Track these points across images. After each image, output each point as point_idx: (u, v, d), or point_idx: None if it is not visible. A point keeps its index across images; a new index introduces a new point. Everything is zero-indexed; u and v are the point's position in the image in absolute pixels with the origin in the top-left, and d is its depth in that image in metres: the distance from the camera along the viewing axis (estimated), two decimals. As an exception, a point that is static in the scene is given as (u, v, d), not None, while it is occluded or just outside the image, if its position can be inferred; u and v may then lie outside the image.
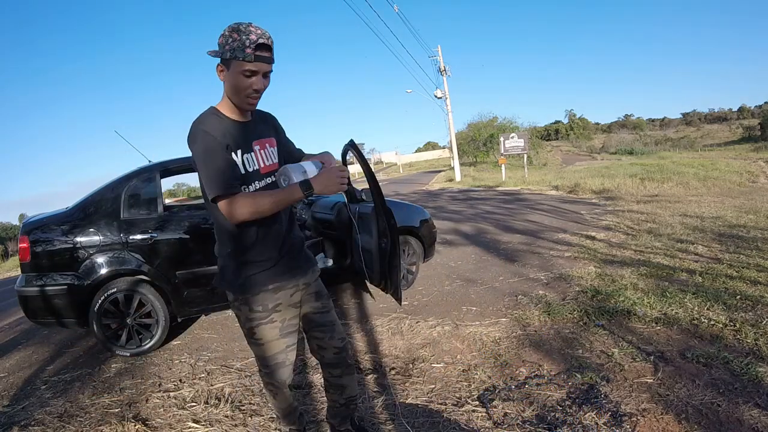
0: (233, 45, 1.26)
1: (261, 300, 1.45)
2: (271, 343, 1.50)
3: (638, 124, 57.77)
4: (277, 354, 1.52)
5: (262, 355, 1.53)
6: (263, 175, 1.43)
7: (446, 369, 2.44)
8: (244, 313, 1.47)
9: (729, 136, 40.50)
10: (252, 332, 1.48)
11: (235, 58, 1.27)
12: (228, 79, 1.32)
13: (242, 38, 1.25)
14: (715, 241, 4.96)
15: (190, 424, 2.11)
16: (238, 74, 1.29)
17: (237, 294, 1.46)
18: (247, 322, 1.47)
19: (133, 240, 2.99)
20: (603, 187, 11.54)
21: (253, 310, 1.45)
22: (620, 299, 3.14)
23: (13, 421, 2.28)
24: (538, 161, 27.21)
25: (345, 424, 1.78)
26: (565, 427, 1.81)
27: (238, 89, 1.31)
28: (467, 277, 4.23)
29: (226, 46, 1.27)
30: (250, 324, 1.47)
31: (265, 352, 1.51)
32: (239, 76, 1.29)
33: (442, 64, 20.77)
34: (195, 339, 3.28)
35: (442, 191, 15.42)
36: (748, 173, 13.77)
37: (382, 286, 3.07)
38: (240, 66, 1.27)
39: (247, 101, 1.34)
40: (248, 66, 1.27)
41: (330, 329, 1.61)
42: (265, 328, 1.47)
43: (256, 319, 1.46)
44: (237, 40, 1.25)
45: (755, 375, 2.05)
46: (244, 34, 1.25)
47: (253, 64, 1.27)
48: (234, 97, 1.35)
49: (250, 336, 1.51)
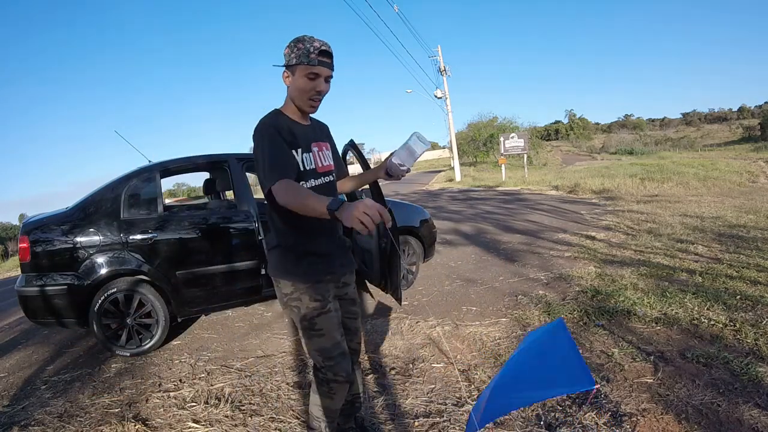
0: (298, 52, 1.40)
1: (321, 289, 1.50)
2: (333, 333, 1.52)
3: (638, 124, 57.76)
4: (340, 343, 1.54)
5: (324, 347, 1.52)
6: (319, 174, 1.54)
7: (446, 369, 2.44)
8: (304, 303, 1.49)
9: (729, 136, 40.49)
10: (313, 323, 1.50)
11: (300, 63, 1.41)
12: (293, 83, 1.45)
13: (307, 46, 1.40)
14: (715, 241, 4.96)
15: (190, 424, 2.11)
16: (303, 77, 1.42)
17: (299, 283, 1.49)
18: (309, 312, 1.49)
19: (133, 240, 2.99)
20: (603, 187, 11.55)
21: (314, 299, 1.49)
22: (620, 299, 3.14)
23: (13, 421, 2.28)
24: (538, 161, 27.20)
25: (349, 422, 1.80)
26: (565, 427, 1.81)
27: (303, 91, 1.44)
28: (467, 277, 4.23)
29: (292, 54, 1.42)
30: (312, 314, 1.49)
31: (328, 342, 1.51)
32: (304, 78, 1.42)
33: (442, 64, 20.80)
34: (195, 339, 3.28)
35: (442, 191, 15.42)
36: (748, 173, 13.77)
37: (382, 286, 3.07)
38: (305, 70, 1.41)
39: (309, 103, 1.47)
40: (312, 69, 1.41)
41: (354, 334, 1.69)
42: (325, 318, 1.50)
43: (317, 308, 1.49)
44: (302, 48, 1.40)
45: (755, 375, 2.05)
46: (308, 43, 1.40)
47: (317, 68, 1.41)
48: (297, 100, 1.47)
49: (310, 328, 1.50)
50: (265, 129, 1.41)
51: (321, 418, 1.62)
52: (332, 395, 1.57)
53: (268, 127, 1.41)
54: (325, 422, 1.62)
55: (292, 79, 1.45)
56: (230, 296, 3.24)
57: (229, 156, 3.41)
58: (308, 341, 1.54)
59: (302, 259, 1.50)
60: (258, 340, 3.14)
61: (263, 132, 1.41)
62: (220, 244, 3.21)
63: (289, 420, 2.08)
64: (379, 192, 2.68)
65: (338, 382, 1.55)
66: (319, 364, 1.55)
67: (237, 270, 3.20)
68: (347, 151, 3.04)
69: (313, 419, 1.65)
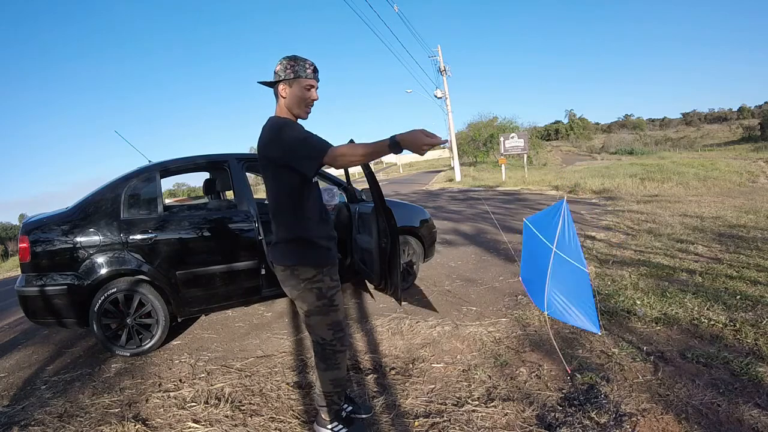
0: (297, 68, 1.68)
1: (335, 271, 1.80)
2: (343, 308, 1.84)
3: (638, 124, 57.80)
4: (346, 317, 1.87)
5: (338, 320, 1.80)
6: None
7: (446, 369, 2.44)
8: (326, 284, 1.75)
9: (729, 136, 40.52)
10: (332, 300, 1.77)
11: (299, 77, 1.68)
12: (291, 94, 1.70)
13: (303, 63, 1.69)
14: (715, 241, 4.96)
15: (190, 424, 2.11)
16: (302, 88, 1.70)
17: (322, 266, 1.74)
18: (329, 291, 1.76)
19: (133, 240, 2.99)
20: (603, 187, 11.56)
21: (333, 279, 1.78)
22: (620, 299, 3.14)
23: (13, 421, 2.28)
24: (538, 161, 27.22)
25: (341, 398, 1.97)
26: (565, 427, 1.81)
27: (301, 99, 1.71)
28: (467, 277, 4.23)
29: (289, 70, 1.68)
30: (332, 292, 1.77)
31: (340, 315, 1.81)
32: (303, 89, 1.70)
33: (442, 64, 20.78)
34: (195, 339, 3.28)
35: (442, 191, 15.42)
36: (748, 173, 13.79)
37: (382, 286, 3.07)
38: (303, 82, 1.69)
39: (306, 110, 1.75)
40: (309, 81, 1.70)
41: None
42: (339, 295, 1.81)
43: (335, 287, 1.78)
44: (299, 65, 1.68)
45: (755, 375, 2.05)
46: (302, 61, 1.69)
47: (313, 81, 1.71)
48: (296, 108, 1.72)
49: (330, 305, 1.76)
50: (288, 123, 1.69)
51: (333, 391, 1.84)
52: (339, 365, 1.82)
53: (290, 122, 1.70)
54: (337, 393, 1.86)
55: (290, 90, 1.69)
56: (230, 296, 3.23)
57: (229, 156, 3.41)
58: (324, 317, 1.77)
59: (318, 248, 1.74)
60: (258, 340, 3.14)
61: (287, 125, 1.66)
62: (220, 244, 3.21)
63: (289, 420, 2.08)
64: (379, 192, 2.68)
65: (342, 351, 1.82)
66: (330, 337, 1.79)
67: (237, 270, 3.20)
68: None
69: (325, 398, 1.85)
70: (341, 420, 1.88)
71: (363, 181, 3.08)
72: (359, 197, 3.62)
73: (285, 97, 1.70)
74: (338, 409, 1.88)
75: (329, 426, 1.87)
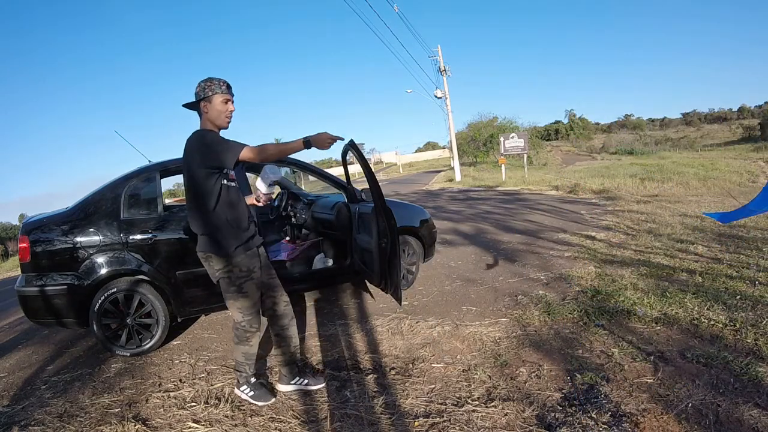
0: (213, 87, 2.01)
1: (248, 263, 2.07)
2: (254, 294, 2.12)
3: (638, 124, 57.75)
4: (257, 302, 2.15)
5: (246, 305, 2.10)
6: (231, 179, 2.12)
7: (446, 369, 2.44)
8: (235, 273, 2.04)
9: (729, 136, 40.49)
10: (241, 287, 2.06)
11: (215, 93, 2.01)
12: (212, 109, 2.02)
13: (217, 82, 2.02)
14: (715, 241, 4.96)
15: (190, 424, 2.11)
16: (221, 102, 2.02)
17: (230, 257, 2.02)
18: (238, 279, 2.05)
19: (133, 240, 2.98)
20: (603, 187, 11.55)
21: (244, 270, 2.06)
22: (620, 299, 3.14)
23: (13, 421, 2.28)
24: (538, 161, 27.21)
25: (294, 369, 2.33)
26: (565, 427, 1.81)
27: (221, 112, 2.03)
28: (467, 277, 4.23)
29: (206, 89, 2.00)
30: (241, 281, 2.05)
31: (249, 301, 2.11)
32: (221, 103, 2.02)
33: (442, 64, 20.75)
34: (195, 339, 3.28)
35: (442, 191, 15.41)
36: (748, 173, 13.80)
37: (382, 286, 3.07)
38: (220, 97, 2.02)
39: (226, 120, 2.07)
40: (226, 96, 2.04)
41: (279, 289, 2.26)
42: (250, 284, 2.08)
43: (245, 276, 2.06)
44: (215, 84, 2.01)
45: (755, 375, 2.05)
46: (217, 80, 2.02)
47: (228, 95, 2.05)
48: (218, 120, 2.04)
49: (238, 291, 2.06)
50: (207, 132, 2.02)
51: (245, 362, 2.24)
52: (249, 342, 2.20)
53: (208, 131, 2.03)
54: (249, 364, 2.25)
55: (210, 106, 2.01)
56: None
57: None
58: (234, 302, 2.09)
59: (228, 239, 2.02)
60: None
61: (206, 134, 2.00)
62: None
63: (289, 420, 2.08)
64: (379, 192, 2.67)
65: (251, 332, 2.17)
66: (239, 319, 2.13)
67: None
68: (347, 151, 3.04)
69: (238, 365, 2.26)
70: (250, 385, 2.27)
71: (363, 181, 3.08)
72: (359, 197, 3.62)
73: (207, 112, 2.02)
74: (247, 376, 2.26)
75: (241, 389, 2.28)
